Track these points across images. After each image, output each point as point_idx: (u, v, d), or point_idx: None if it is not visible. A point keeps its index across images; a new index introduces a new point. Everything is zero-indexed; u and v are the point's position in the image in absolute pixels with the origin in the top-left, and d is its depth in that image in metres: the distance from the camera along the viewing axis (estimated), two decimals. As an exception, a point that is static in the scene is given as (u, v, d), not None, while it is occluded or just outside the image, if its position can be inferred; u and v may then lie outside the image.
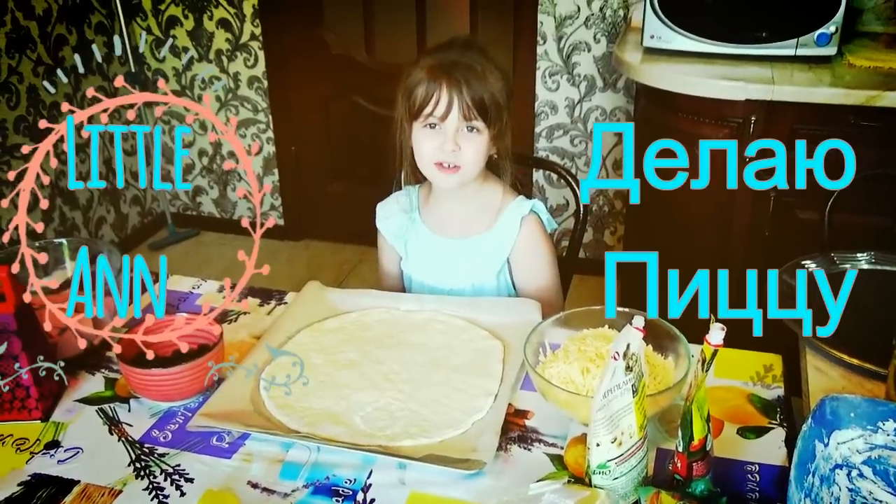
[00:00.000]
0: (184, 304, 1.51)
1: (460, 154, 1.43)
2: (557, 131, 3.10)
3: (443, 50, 1.45)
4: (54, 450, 1.13)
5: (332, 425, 1.14)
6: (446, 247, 1.57)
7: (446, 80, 1.39)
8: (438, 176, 1.46)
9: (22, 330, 1.16)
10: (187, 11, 3.30)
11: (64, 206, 3.20)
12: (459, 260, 1.56)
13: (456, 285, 1.57)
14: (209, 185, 3.66)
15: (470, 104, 1.39)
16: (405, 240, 1.61)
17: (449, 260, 1.57)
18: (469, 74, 1.40)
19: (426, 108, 1.41)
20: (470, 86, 1.39)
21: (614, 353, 0.94)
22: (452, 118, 1.41)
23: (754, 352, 1.30)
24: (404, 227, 1.61)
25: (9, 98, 2.87)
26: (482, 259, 1.55)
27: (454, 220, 1.57)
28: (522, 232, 1.53)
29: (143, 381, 1.19)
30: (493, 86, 1.42)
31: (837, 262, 1.49)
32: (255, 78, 3.36)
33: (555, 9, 2.90)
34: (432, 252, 1.58)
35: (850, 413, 1.01)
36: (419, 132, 1.45)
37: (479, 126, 1.42)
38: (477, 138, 1.43)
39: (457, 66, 1.41)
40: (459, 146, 1.42)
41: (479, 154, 1.45)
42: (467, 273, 1.55)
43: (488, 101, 1.41)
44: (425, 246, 1.59)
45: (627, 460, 0.97)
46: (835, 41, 2.23)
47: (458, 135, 1.42)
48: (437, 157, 1.44)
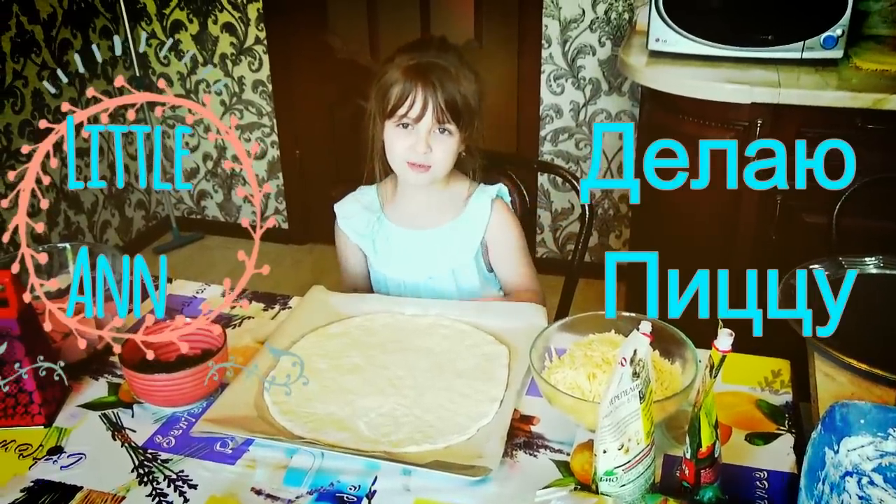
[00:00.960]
0: (187, 308, 1.50)
1: (431, 155, 1.45)
2: (562, 135, 3.09)
3: (418, 49, 1.47)
4: (57, 455, 1.13)
5: (337, 431, 1.13)
6: (419, 239, 1.59)
7: (422, 82, 1.41)
8: (409, 173, 1.49)
9: (25, 335, 1.16)
10: (192, 15, 3.30)
11: (69, 209, 3.20)
12: (434, 249, 1.57)
13: (435, 274, 1.58)
14: (213, 189, 3.66)
15: (444, 107, 1.41)
16: (372, 239, 1.61)
17: (424, 251, 1.58)
18: (444, 77, 1.42)
19: (400, 109, 1.43)
20: (444, 89, 1.41)
21: (621, 359, 0.93)
22: (426, 120, 1.43)
23: (762, 357, 1.29)
24: (370, 227, 1.61)
25: (13, 102, 2.87)
26: (457, 244, 1.57)
27: (423, 212, 1.59)
28: (494, 215, 1.56)
29: (147, 387, 1.18)
30: (467, 89, 1.44)
31: (845, 266, 1.48)
32: (260, 82, 3.36)
33: (560, 12, 2.90)
34: (405, 246, 1.59)
35: (860, 420, 0.99)
36: (392, 131, 1.47)
37: (450, 129, 1.45)
38: (448, 140, 1.46)
39: (432, 69, 1.42)
40: (431, 147, 1.44)
41: (449, 155, 1.48)
42: (445, 261, 1.57)
43: (461, 104, 1.43)
44: (397, 242, 1.60)
45: (634, 467, 0.96)
46: (841, 44, 2.22)
47: (430, 136, 1.44)
48: (409, 156, 1.46)
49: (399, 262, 1.60)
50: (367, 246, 1.62)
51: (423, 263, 1.58)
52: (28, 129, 2.94)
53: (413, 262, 1.59)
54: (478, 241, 1.57)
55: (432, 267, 1.58)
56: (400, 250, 1.60)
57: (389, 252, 1.60)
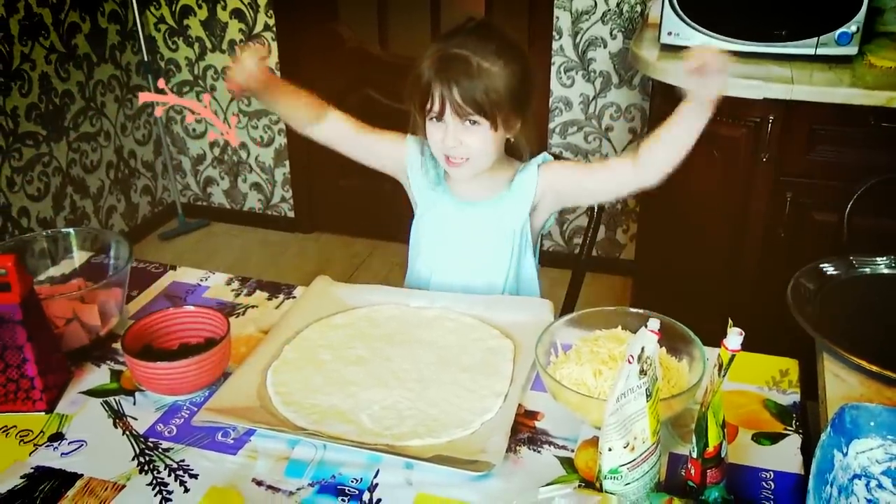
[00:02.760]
0: (191, 296, 1.49)
1: (466, 148, 1.41)
2: (571, 127, 3.07)
3: (447, 39, 1.41)
4: (58, 442, 1.12)
5: (339, 423, 1.12)
6: (467, 207, 1.54)
7: (438, 80, 1.37)
8: (448, 167, 1.46)
9: (27, 320, 1.15)
10: (201, 1, 3.28)
11: (75, 194, 3.19)
12: (479, 220, 1.53)
13: (474, 245, 1.53)
14: (220, 176, 3.65)
15: (460, 103, 1.36)
16: (425, 190, 1.56)
17: (467, 219, 1.54)
18: (462, 71, 1.35)
19: (427, 105, 1.40)
20: (459, 84, 1.35)
21: (629, 357, 0.92)
22: (448, 115, 1.39)
23: (770, 356, 1.28)
24: (429, 177, 1.55)
25: (21, 85, 2.86)
26: (503, 215, 1.52)
27: (473, 187, 1.53)
28: (542, 175, 1.50)
29: (149, 375, 1.17)
30: (490, 81, 1.36)
31: (856, 265, 1.46)
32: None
33: (571, 4, 2.87)
34: (451, 212, 1.54)
35: (870, 422, 0.98)
36: (428, 125, 1.44)
37: (478, 119, 1.39)
38: (479, 130, 1.40)
39: (451, 63, 1.36)
40: (461, 140, 1.40)
41: (485, 143, 1.41)
42: (487, 233, 1.53)
43: (480, 97, 1.36)
44: (446, 203, 1.55)
45: (640, 465, 0.95)
46: (856, 41, 2.20)
47: (459, 129, 1.40)
48: (444, 149, 1.42)
49: (439, 225, 1.56)
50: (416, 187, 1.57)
51: (464, 233, 1.54)
52: (35, 113, 2.94)
53: (453, 228, 1.54)
54: (525, 210, 1.51)
55: (473, 239, 1.54)
56: (449, 219, 1.55)
57: (436, 220, 1.56)
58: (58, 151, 3.08)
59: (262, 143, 3.52)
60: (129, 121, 3.44)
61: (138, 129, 3.52)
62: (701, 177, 2.35)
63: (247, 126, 3.50)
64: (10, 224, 2.90)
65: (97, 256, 1.48)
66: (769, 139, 2.17)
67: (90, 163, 3.26)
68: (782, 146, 2.18)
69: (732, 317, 1.12)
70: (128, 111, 3.43)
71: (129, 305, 1.45)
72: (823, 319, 1.29)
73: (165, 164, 3.64)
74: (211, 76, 3.43)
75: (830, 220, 2.02)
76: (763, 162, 2.21)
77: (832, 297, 1.39)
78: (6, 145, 2.84)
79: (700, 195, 2.37)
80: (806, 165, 2.20)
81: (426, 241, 1.59)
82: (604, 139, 3.06)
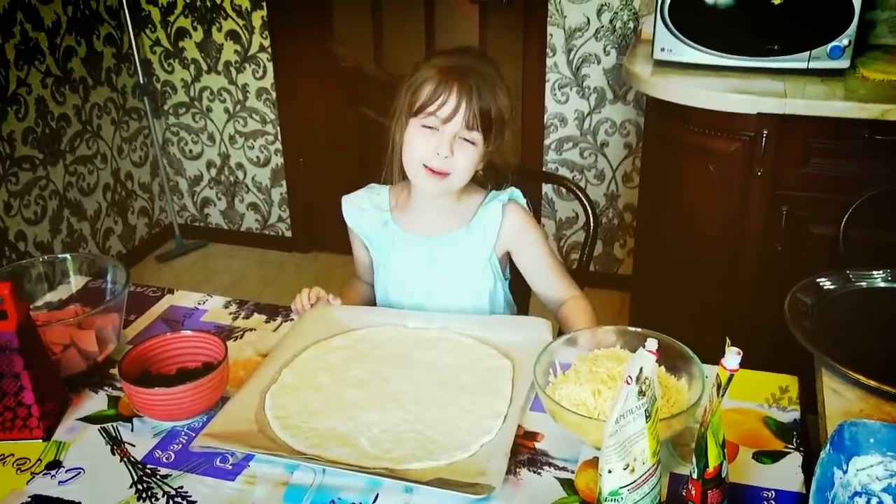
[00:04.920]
0: (189, 320, 1.49)
1: (452, 161, 1.40)
2: (567, 144, 3.08)
3: (456, 55, 1.43)
4: (55, 470, 1.11)
5: (338, 447, 1.12)
6: (425, 245, 1.53)
7: (458, 83, 1.37)
8: (424, 179, 1.43)
9: (24, 347, 1.15)
10: (196, 23, 3.30)
11: (72, 217, 3.19)
12: (441, 257, 1.52)
13: (442, 283, 1.53)
14: (217, 197, 3.65)
15: (476, 114, 1.37)
16: (379, 243, 1.57)
17: (430, 259, 1.53)
18: (482, 84, 1.38)
19: (430, 107, 1.38)
20: (480, 95, 1.37)
21: (627, 378, 0.92)
22: (455, 123, 1.38)
23: (769, 373, 1.27)
24: (375, 227, 1.57)
25: (17, 109, 2.87)
26: (466, 252, 1.51)
27: (431, 220, 1.53)
28: (507, 218, 1.50)
29: (146, 400, 1.17)
30: (502, 101, 1.40)
31: (853, 279, 1.46)
32: (264, 89, 3.35)
33: (564, 21, 2.89)
34: (411, 254, 1.54)
35: (870, 439, 0.98)
36: (416, 130, 1.41)
37: (476, 139, 1.40)
38: (471, 150, 1.41)
39: (470, 72, 1.38)
40: (453, 153, 1.39)
41: (470, 164, 1.42)
42: (452, 269, 1.52)
43: (494, 115, 1.39)
44: (403, 249, 1.54)
45: (640, 487, 0.95)
46: (848, 54, 2.21)
47: (454, 141, 1.39)
48: (428, 159, 1.40)
49: (405, 271, 1.55)
50: (371, 245, 1.58)
51: (427, 274, 1.54)
52: (31, 137, 2.94)
53: (418, 271, 1.54)
54: (490, 247, 1.51)
55: (437, 279, 1.53)
56: (406, 258, 1.54)
57: (395, 260, 1.56)
58: (54, 175, 3.08)
59: (258, 163, 3.52)
60: (125, 143, 3.45)
61: (135, 151, 3.52)
62: (696, 191, 2.36)
63: (243, 146, 3.50)
64: (8, 248, 2.90)
65: (94, 281, 1.48)
66: (763, 153, 2.18)
67: (87, 185, 3.26)
68: (777, 160, 2.19)
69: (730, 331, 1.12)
70: (124, 133, 3.43)
71: (127, 330, 1.45)
72: (821, 334, 1.29)
73: (162, 185, 3.64)
74: (207, 98, 3.44)
75: (827, 233, 2.03)
76: (758, 176, 2.21)
77: (830, 311, 1.38)
78: (3, 169, 2.84)
79: (696, 210, 2.38)
80: (801, 179, 2.20)
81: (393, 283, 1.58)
82: (599, 155, 3.06)
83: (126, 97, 3.41)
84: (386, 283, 1.58)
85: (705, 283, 2.44)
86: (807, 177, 2.19)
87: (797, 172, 2.20)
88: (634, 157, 3.02)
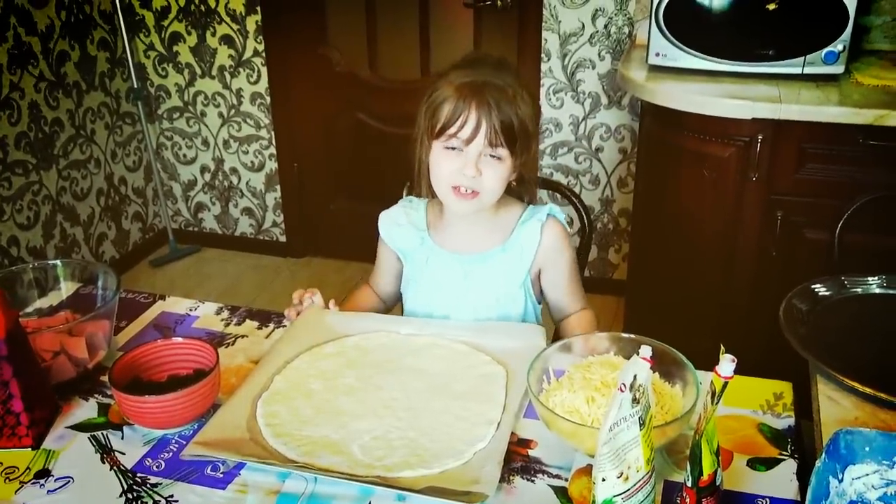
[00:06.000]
0: (180, 326, 1.48)
1: (480, 180, 1.36)
2: (562, 149, 3.08)
3: (473, 66, 1.38)
4: (44, 479, 1.10)
5: (330, 455, 1.11)
6: (460, 263, 1.49)
7: (476, 101, 1.32)
8: (454, 201, 1.40)
9: (13, 355, 1.14)
10: (190, 28, 3.29)
11: (65, 222, 3.17)
12: (476, 276, 1.49)
13: (473, 302, 1.49)
14: (211, 202, 3.64)
15: (498, 130, 1.32)
16: (414, 258, 1.54)
17: (463, 276, 1.49)
18: (500, 97, 1.33)
19: (451, 129, 1.34)
20: (500, 110, 1.32)
21: (621, 385, 0.91)
22: (478, 142, 1.33)
23: (764, 379, 1.27)
24: (414, 245, 1.53)
25: (10, 114, 2.85)
26: (500, 271, 1.48)
27: (468, 237, 1.50)
28: (545, 237, 1.47)
29: (137, 409, 1.16)
30: (524, 111, 1.35)
31: (848, 285, 1.46)
32: (258, 94, 3.34)
33: (559, 26, 2.88)
34: (445, 270, 1.50)
35: (865, 447, 0.97)
36: (439, 152, 1.38)
37: (502, 154, 1.35)
38: (499, 166, 1.36)
39: (488, 87, 1.33)
40: (481, 171, 1.35)
41: (499, 182, 1.38)
42: (484, 289, 1.49)
43: (517, 127, 1.34)
44: (438, 264, 1.51)
45: (634, 495, 0.94)
46: (842, 59, 2.21)
47: (480, 159, 1.35)
48: (456, 180, 1.37)
49: (436, 289, 1.51)
50: (406, 259, 1.55)
51: (461, 294, 1.49)
52: (24, 142, 2.93)
53: (452, 290, 1.50)
54: (525, 269, 1.48)
55: (473, 298, 1.49)
56: (440, 276, 1.50)
57: (427, 277, 1.52)
58: (47, 179, 3.07)
59: (252, 167, 3.51)
60: (119, 147, 3.44)
61: (128, 156, 3.51)
62: (691, 197, 2.36)
63: (237, 151, 3.49)
64: (0, 254, 2.88)
65: (85, 287, 1.47)
66: (758, 158, 2.18)
67: (80, 190, 3.25)
68: (772, 165, 2.19)
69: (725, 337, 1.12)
70: (118, 138, 3.42)
71: (118, 337, 1.44)
72: (816, 341, 1.28)
73: (156, 190, 3.63)
74: (201, 102, 3.43)
75: (822, 239, 2.02)
76: (753, 181, 2.21)
77: (825, 317, 1.38)
78: (-5, 174, 2.83)
79: (691, 215, 2.38)
80: (796, 184, 2.20)
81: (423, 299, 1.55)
82: (594, 160, 3.06)
83: (120, 101, 3.40)
84: (416, 297, 1.55)
85: (700, 288, 2.44)
86: (801, 182, 2.19)
87: (792, 177, 2.19)
88: (629, 162, 3.01)
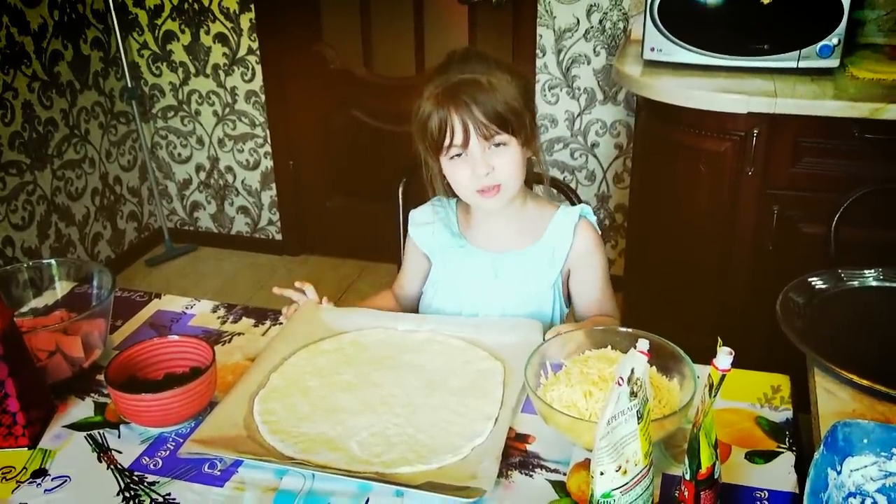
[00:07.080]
0: (176, 324, 1.47)
1: (496, 173, 1.36)
2: (557, 144, 3.08)
3: (441, 72, 1.37)
4: (41, 478, 1.10)
5: (328, 451, 1.11)
6: (491, 260, 1.49)
7: (453, 105, 1.32)
8: (481, 201, 1.40)
9: (9, 355, 1.13)
10: (184, 26, 3.28)
11: (60, 222, 3.16)
12: (507, 275, 1.48)
13: (502, 300, 1.48)
14: (206, 200, 3.64)
15: (486, 122, 1.32)
16: (444, 257, 1.53)
17: (494, 274, 1.48)
18: (475, 91, 1.32)
19: (444, 141, 1.34)
20: (479, 103, 1.31)
21: (618, 379, 0.91)
22: (473, 142, 1.33)
23: (762, 372, 1.27)
24: (445, 243, 1.52)
25: (3, 114, 2.84)
26: (531, 270, 1.48)
27: (497, 234, 1.49)
28: (578, 239, 1.47)
29: (133, 407, 1.15)
30: (505, 93, 1.33)
31: (845, 278, 1.46)
32: (253, 92, 3.34)
33: (554, 21, 2.88)
34: (476, 268, 1.49)
35: (864, 439, 0.97)
36: (449, 165, 1.38)
37: (504, 140, 1.35)
38: (507, 151, 1.36)
39: (460, 87, 1.32)
40: (492, 166, 1.35)
41: (515, 166, 1.37)
42: (514, 287, 1.48)
43: (504, 111, 1.32)
44: (469, 262, 1.50)
45: (633, 489, 0.94)
46: (837, 53, 2.21)
47: (486, 155, 1.35)
48: (475, 184, 1.37)
49: (466, 284, 1.51)
50: (435, 259, 1.54)
51: (491, 287, 1.49)
52: (18, 142, 2.92)
53: (481, 284, 1.49)
54: (557, 269, 1.47)
55: (501, 293, 1.49)
56: (471, 273, 1.50)
57: (460, 273, 1.51)
58: (42, 180, 3.06)
59: (248, 166, 3.50)
60: (113, 147, 3.43)
61: (123, 155, 3.50)
62: (687, 191, 2.36)
63: (232, 150, 3.49)
64: (-5, 254, 2.88)
65: (80, 286, 1.46)
66: (754, 153, 2.18)
67: (75, 190, 3.24)
68: (767, 159, 2.19)
69: (722, 331, 1.12)
70: (112, 137, 3.41)
71: (114, 335, 1.44)
72: (813, 334, 1.28)
73: (151, 189, 3.62)
74: (195, 101, 3.42)
75: (818, 232, 2.02)
76: (749, 175, 2.21)
77: (822, 311, 1.38)
78: (-10, 174, 2.82)
79: (687, 210, 2.38)
80: (791, 178, 2.20)
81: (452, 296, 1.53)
82: (590, 155, 3.06)
83: (114, 101, 3.39)
84: (445, 296, 1.54)
85: (697, 282, 2.44)
86: (798, 176, 2.19)
87: (788, 172, 2.20)
88: (625, 157, 3.01)
